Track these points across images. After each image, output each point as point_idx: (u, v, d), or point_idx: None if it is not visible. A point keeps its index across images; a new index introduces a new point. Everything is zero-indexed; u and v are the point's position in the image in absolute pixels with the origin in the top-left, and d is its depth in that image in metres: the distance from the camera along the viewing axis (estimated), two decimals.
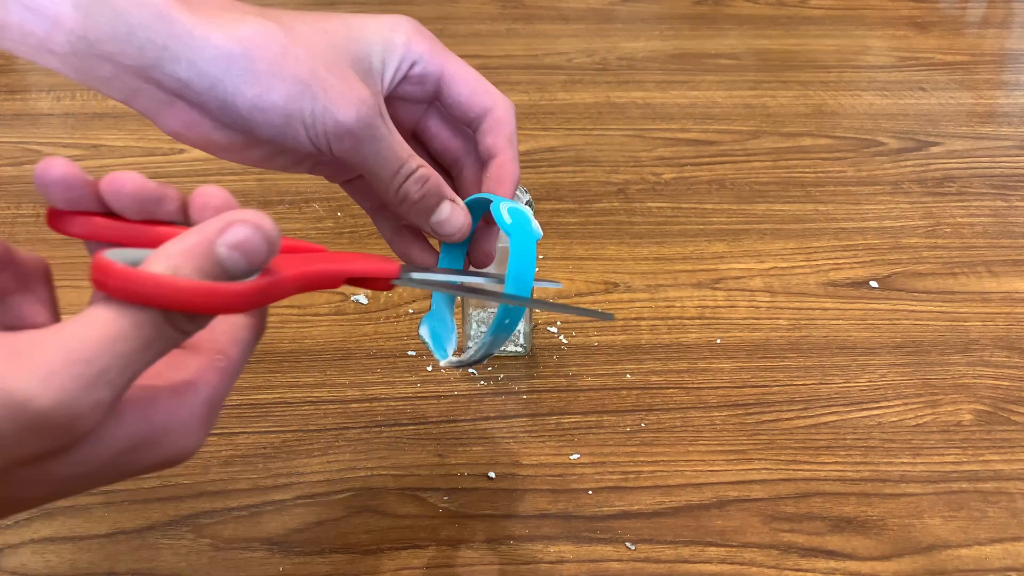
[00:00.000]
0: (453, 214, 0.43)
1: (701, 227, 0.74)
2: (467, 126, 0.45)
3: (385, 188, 0.42)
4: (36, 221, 0.74)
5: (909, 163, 0.84)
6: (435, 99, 0.45)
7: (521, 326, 0.60)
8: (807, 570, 0.49)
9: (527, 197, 0.56)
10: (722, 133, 0.88)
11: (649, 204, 0.77)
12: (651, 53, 1.03)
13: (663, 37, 1.07)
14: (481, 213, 0.45)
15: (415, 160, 0.42)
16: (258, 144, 0.42)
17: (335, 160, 0.42)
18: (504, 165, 0.44)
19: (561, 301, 0.55)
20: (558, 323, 0.64)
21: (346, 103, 0.39)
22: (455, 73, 0.44)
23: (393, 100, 0.44)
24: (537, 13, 1.12)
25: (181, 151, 0.84)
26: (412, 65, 0.43)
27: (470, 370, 0.60)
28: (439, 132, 0.46)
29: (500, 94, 0.45)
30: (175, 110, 0.40)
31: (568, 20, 1.10)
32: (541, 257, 0.70)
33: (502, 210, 0.42)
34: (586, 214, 0.76)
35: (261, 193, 0.78)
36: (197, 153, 0.83)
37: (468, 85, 0.44)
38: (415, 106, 0.46)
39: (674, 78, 0.98)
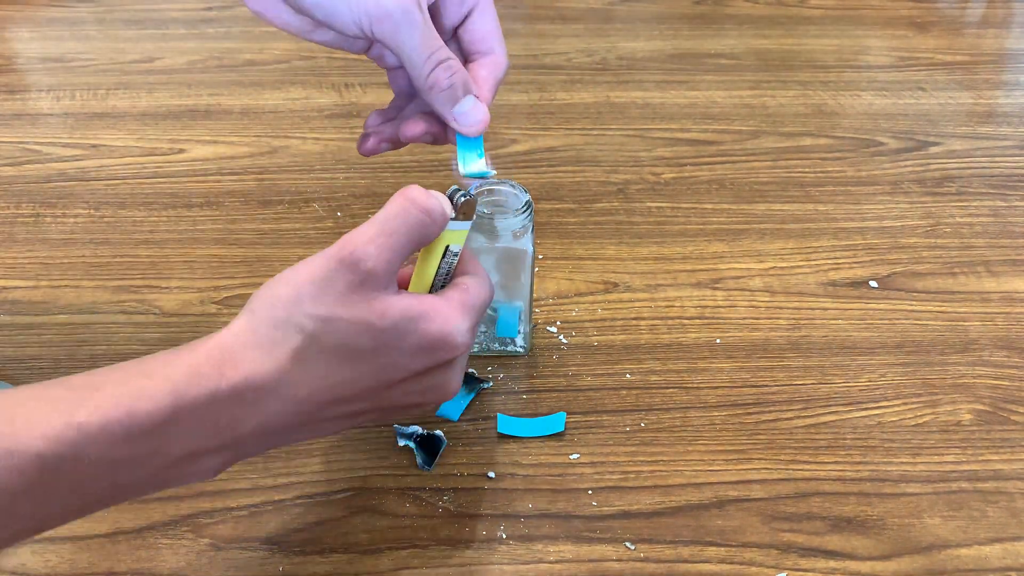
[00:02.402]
0: (475, 108, 0.49)
1: (701, 227, 0.74)
2: (468, 55, 0.52)
3: (418, 73, 0.48)
4: (35, 221, 0.74)
5: (908, 163, 0.84)
6: (461, 24, 0.51)
7: (521, 326, 0.60)
8: (807, 570, 0.49)
9: (526, 197, 0.56)
10: (722, 133, 0.88)
11: (649, 204, 0.77)
12: (651, 53, 1.03)
13: (663, 37, 1.07)
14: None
15: (446, 51, 0.48)
16: (320, 26, 0.49)
17: (379, 44, 0.49)
18: (481, 100, 0.51)
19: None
20: (558, 323, 0.64)
21: None
22: (486, 9, 0.51)
23: (433, 10, 0.50)
24: (537, 13, 1.12)
25: (180, 151, 0.84)
26: None
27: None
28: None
29: (504, 46, 0.52)
30: None
31: (567, 20, 1.11)
32: (540, 257, 0.70)
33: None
34: (586, 214, 0.76)
35: (261, 193, 0.78)
36: (196, 153, 0.83)
37: (490, 24, 0.51)
38: (446, 27, 0.52)
39: (674, 78, 0.98)
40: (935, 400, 0.59)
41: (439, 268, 0.47)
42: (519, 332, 0.60)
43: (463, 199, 0.46)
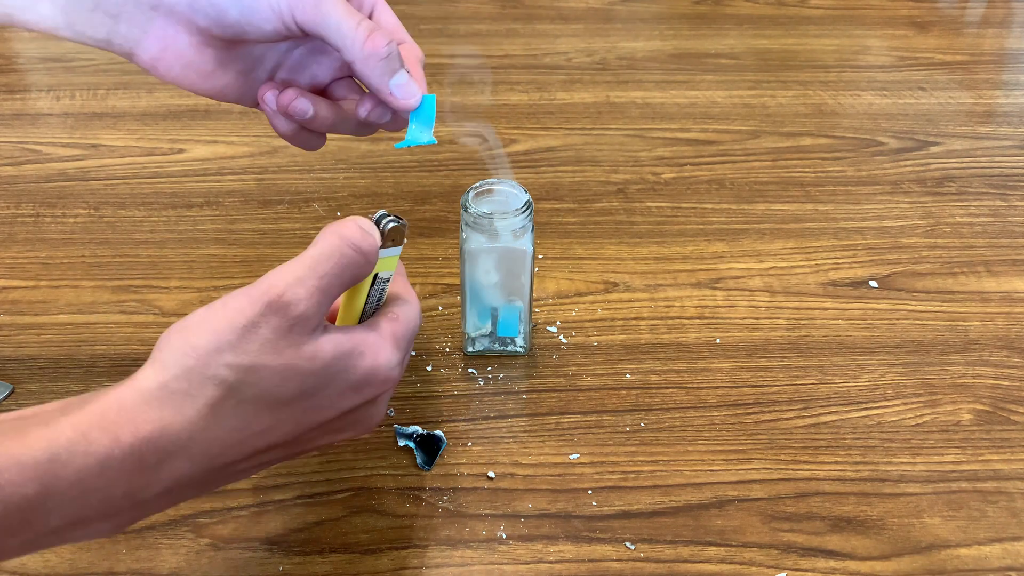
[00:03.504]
0: (410, 83, 0.47)
1: (701, 227, 0.74)
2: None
3: (351, 42, 0.45)
4: (35, 221, 0.74)
5: (909, 163, 0.84)
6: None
7: (521, 326, 0.60)
8: (807, 570, 0.49)
9: (526, 197, 0.56)
10: (722, 133, 0.88)
11: (649, 204, 0.77)
12: (651, 53, 1.03)
13: (663, 37, 1.07)
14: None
15: (369, 21, 0.46)
16: (228, 61, 0.47)
17: (299, 38, 0.46)
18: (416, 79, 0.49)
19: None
20: (558, 323, 0.64)
21: None
22: (385, 7, 0.51)
23: None
24: (537, 13, 1.12)
25: (180, 151, 0.84)
26: None
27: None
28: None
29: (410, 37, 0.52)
30: (154, 29, 0.45)
31: (567, 20, 1.10)
32: (540, 257, 0.70)
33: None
34: (586, 214, 0.76)
35: (260, 193, 0.78)
36: (196, 153, 0.83)
37: (394, 18, 0.51)
38: None
39: (674, 78, 0.98)
40: (935, 400, 0.59)
41: (368, 297, 0.45)
42: (519, 332, 0.60)
43: (391, 225, 0.43)
